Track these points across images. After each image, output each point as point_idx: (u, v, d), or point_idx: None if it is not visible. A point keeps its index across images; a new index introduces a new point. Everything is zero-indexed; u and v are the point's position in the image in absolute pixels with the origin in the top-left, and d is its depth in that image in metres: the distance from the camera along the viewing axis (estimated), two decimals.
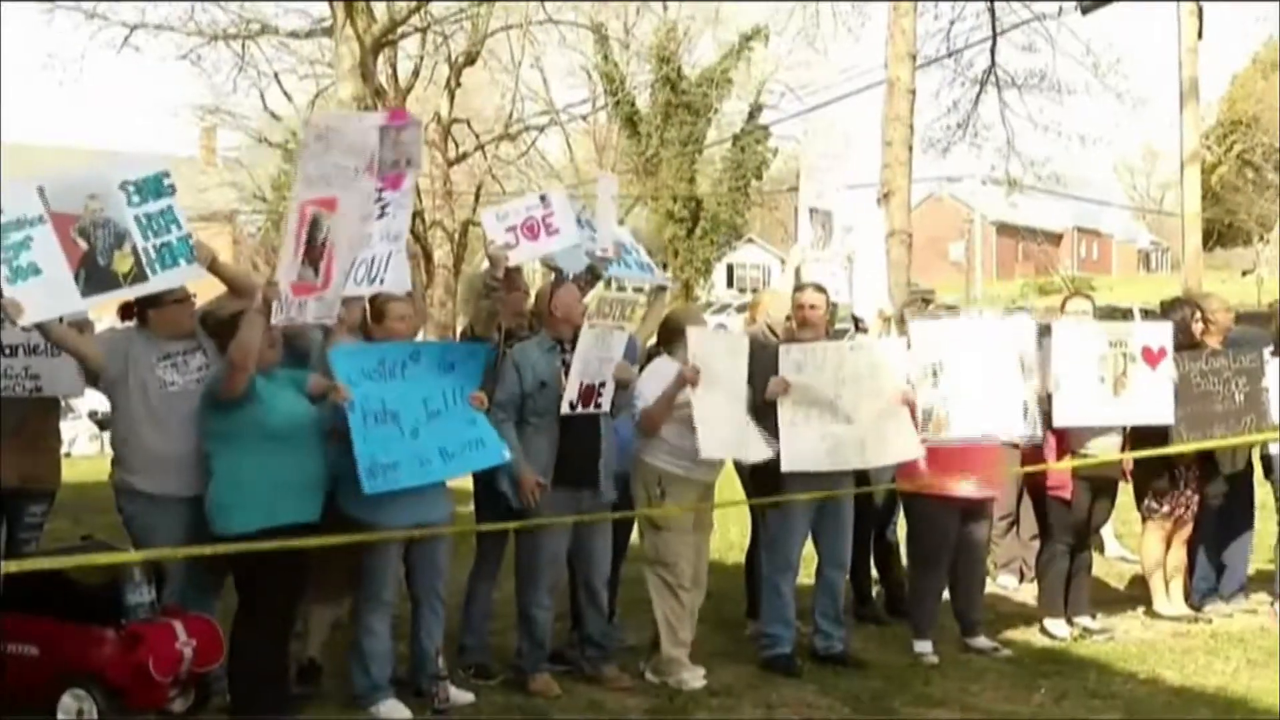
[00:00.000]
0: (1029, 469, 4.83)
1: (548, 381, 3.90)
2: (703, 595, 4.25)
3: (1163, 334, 4.65)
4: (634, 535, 4.41)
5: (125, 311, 3.69)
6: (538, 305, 4.19)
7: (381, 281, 4.08)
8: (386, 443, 3.51)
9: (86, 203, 3.34)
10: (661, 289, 5.03)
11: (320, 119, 4.59)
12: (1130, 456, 4.80)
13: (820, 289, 4.50)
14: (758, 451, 4.12)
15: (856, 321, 5.15)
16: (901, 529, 5.03)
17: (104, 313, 3.84)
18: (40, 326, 3.42)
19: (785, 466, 4.12)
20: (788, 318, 4.54)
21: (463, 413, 3.72)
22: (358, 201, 3.53)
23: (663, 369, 4.13)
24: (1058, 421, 4.44)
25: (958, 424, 4.22)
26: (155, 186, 3.50)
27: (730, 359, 4.09)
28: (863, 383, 4.25)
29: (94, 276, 3.32)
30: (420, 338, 4.58)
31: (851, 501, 4.52)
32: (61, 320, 3.48)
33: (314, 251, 3.54)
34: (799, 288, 4.59)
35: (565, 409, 3.85)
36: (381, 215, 3.85)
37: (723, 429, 3.97)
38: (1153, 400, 4.52)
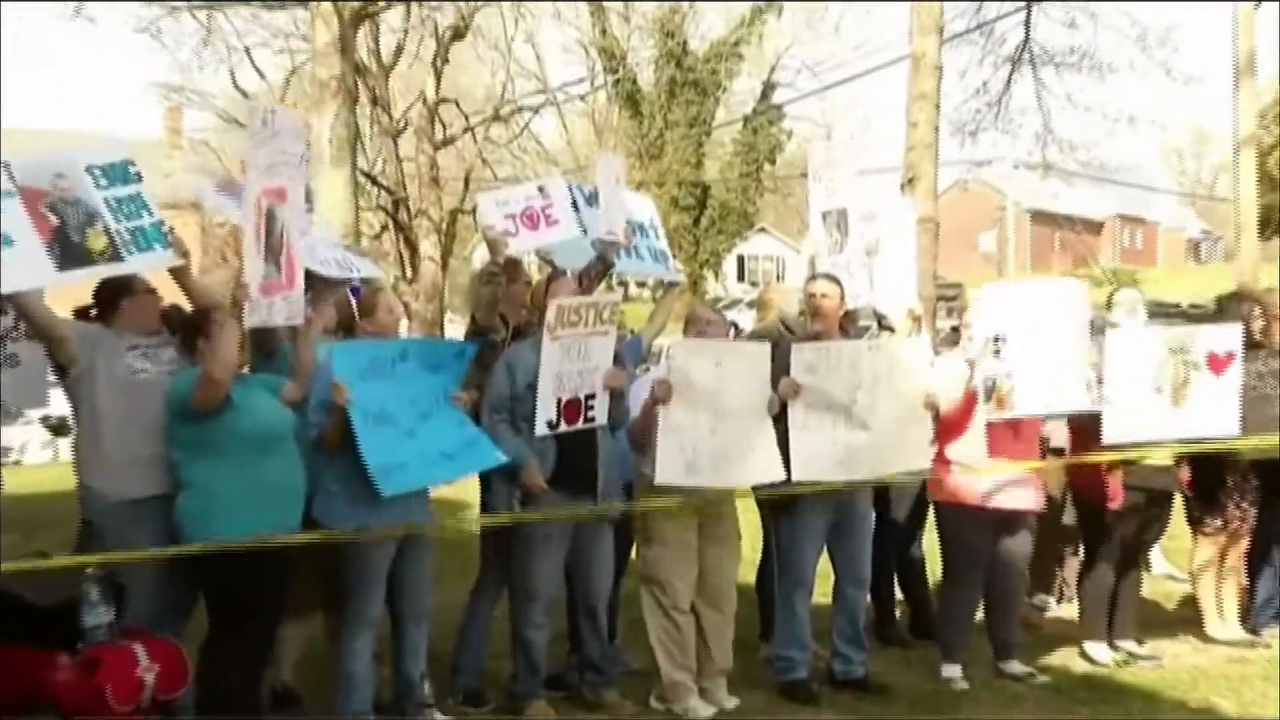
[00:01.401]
0: (1068, 461, 4.75)
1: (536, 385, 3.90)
2: (726, 617, 4.21)
3: (1231, 338, 4.51)
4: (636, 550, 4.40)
5: (82, 313, 3.69)
6: (534, 300, 4.19)
7: (358, 270, 4.14)
8: (391, 443, 3.55)
9: (54, 180, 3.36)
10: (672, 283, 5.01)
11: (262, 104, 4.79)
12: (1166, 452, 4.64)
13: (833, 279, 4.50)
14: (743, 476, 4.06)
15: (880, 319, 5.13)
16: (928, 542, 5.02)
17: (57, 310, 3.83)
18: (17, 302, 3.44)
19: (795, 476, 4.11)
20: (801, 313, 4.53)
21: (449, 415, 3.74)
22: (303, 191, 3.64)
23: (658, 376, 4.13)
24: (1109, 437, 4.38)
25: (1023, 399, 4.17)
26: (121, 174, 3.54)
27: (717, 371, 4.03)
28: (880, 386, 4.23)
29: (68, 251, 3.33)
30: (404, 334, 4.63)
31: (869, 513, 4.51)
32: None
33: (274, 246, 3.60)
34: (810, 278, 4.58)
35: (542, 429, 3.83)
36: (304, 234, 4.05)
37: (688, 452, 3.94)
38: (1217, 412, 4.41)
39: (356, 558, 3.62)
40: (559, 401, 3.87)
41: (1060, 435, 4.90)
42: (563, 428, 3.89)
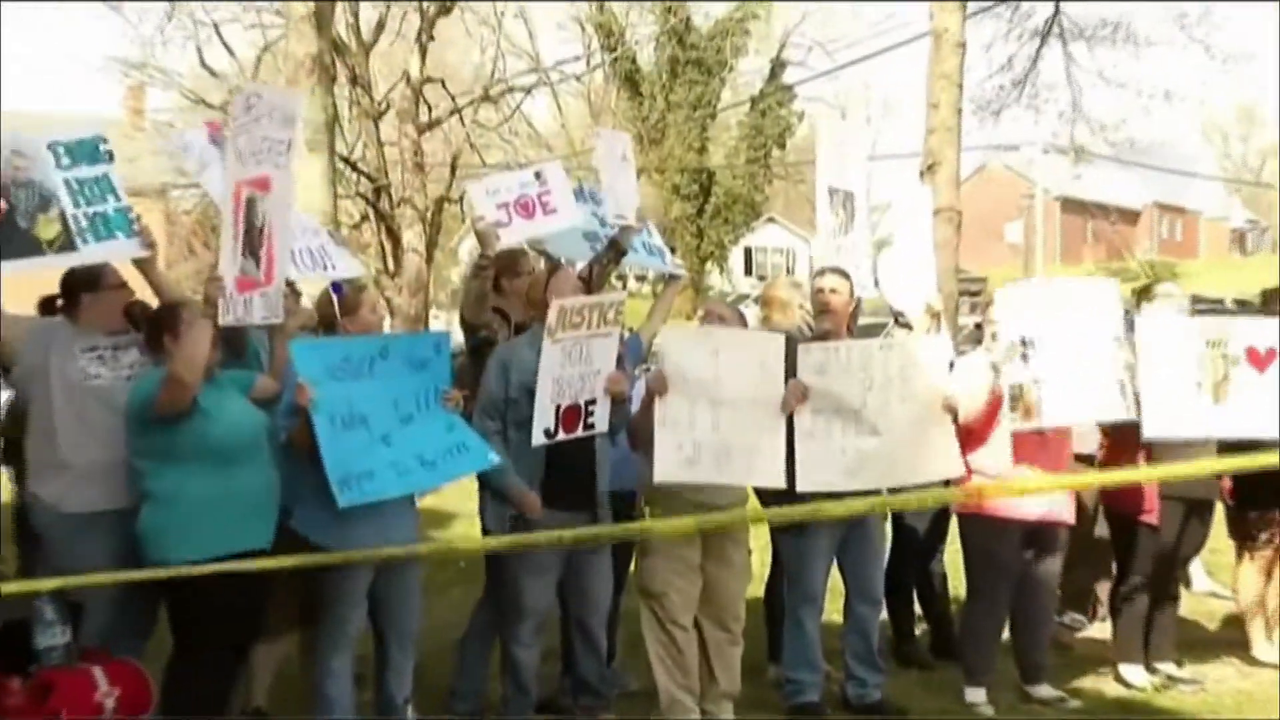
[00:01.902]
0: (1101, 479, 4.75)
1: (534, 389, 3.88)
2: (733, 636, 4.21)
3: (1272, 332, 4.52)
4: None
5: (47, 305, 3.68)
6: (530, 294, 4.18)
7: (333, 268, 4.13)
8: (357, 450, 3.52)
9: (10, 158, 3.34)
10: (673, 278, 5.01)
11: (250, 86, 4.78)
12: (1207, 467, 4.64)
13: (841, 273, 4.50)
14: (750, 474, 4.06)
15: (896, 317, 5.12)
16: (950, 555, 5.01)
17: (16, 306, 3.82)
18: None
19: (801, 486, 4.11)
20: (806, 310, 4.53)
21: (438, 416, 3.72)
22: (288, 182, 3.61)
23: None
24: (1148, 433, 4.37)
25: (1052, 408, 4.15)
26: (89, 151, 3.52)
27: (715, 360, 4.02)
28: (894, 388, 4.23)
29: (12, 240, 3.30)
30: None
31: (880, 525, 4.50)
32: None
33: (253, 239, 3.60)
34: (817, 273, 4.58)
35: (539, 438, 3.81)
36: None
37: (687, 447, 3.94)
38: (1257, 411, 4.35)
39: (335, 571, 3.62)
40: (558, 409, 3.86)
41: (1091, 441, 4.90)
42: (561, 436, 3.88)
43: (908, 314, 5.01)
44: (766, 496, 4.52)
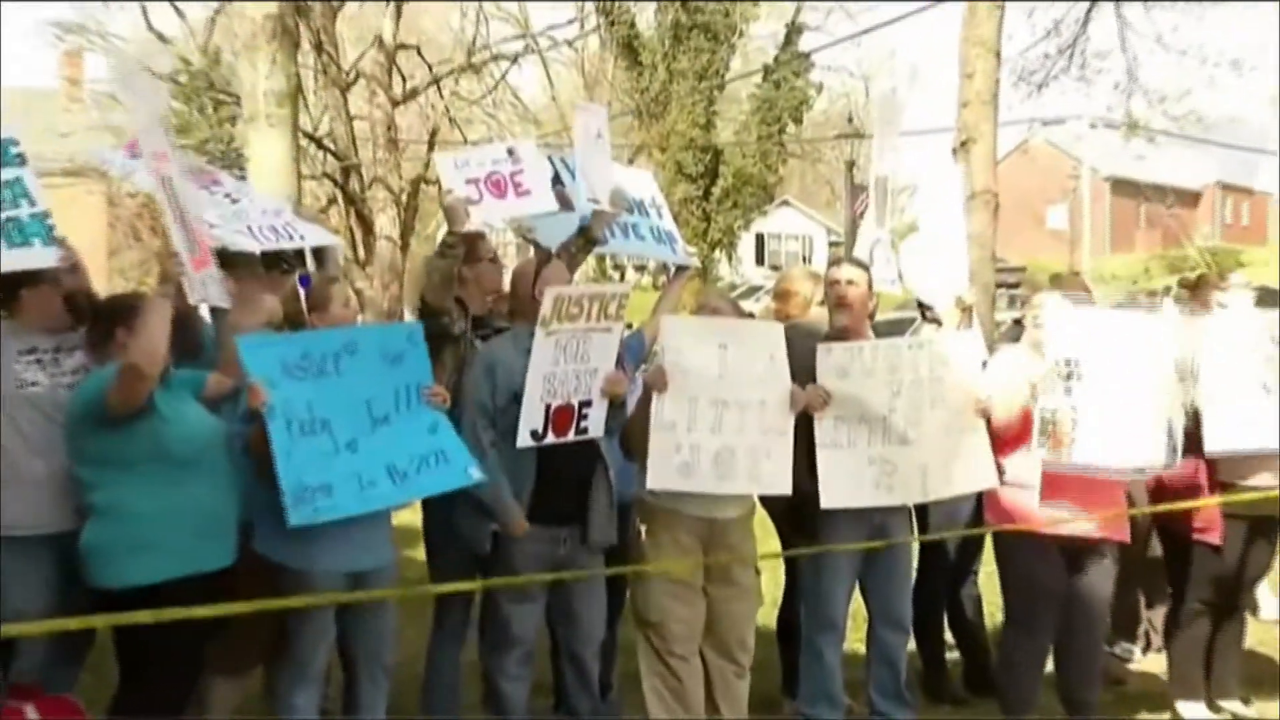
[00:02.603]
0: (1163, 507, 4.73)
1: (522, 394, 3.87)
2: (740, 668, 4.22)
3: None
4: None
5: None
6: (516, 289, 4.17)
7: (302, 237, 4.16)
8: (316, 459, 3.50)
9: None
10: (682, 269, 5.01)
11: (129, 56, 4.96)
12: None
13: (858, 263, 4.51)
14: (753, 483, 4.07)
15: (924, 311, 5.13)
16: (986, 576, 5.01)
17: None
18: None
19: (825, 502, 4.12)
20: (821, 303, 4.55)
21: (419, 417, 3.71)
22: (172, 154, 3.77)
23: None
24: (1210, 446, 4.36)
25: (1085, 444, 4.12)
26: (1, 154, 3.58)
27: (722, 355, 4.03)
28: (924, 391, 4.24)
29: None
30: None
31: (908, 544, 4.51)
32: None
33: (185, 218, 3.66)
34: (832, 262, 4.60)
35: (525, 439, 3.82)
36: (235, 201, 4.31)
37: (684, 452, 3.95)
38: None
39: (305, 592, 3.59)
40: (548, 408, 3.86)
41: None
42: (550, 439, 3.88)
43: (936, 308, 5.02)
44: (778, 510, 4.53)
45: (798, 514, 4.36)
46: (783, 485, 4.08)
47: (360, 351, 3.65)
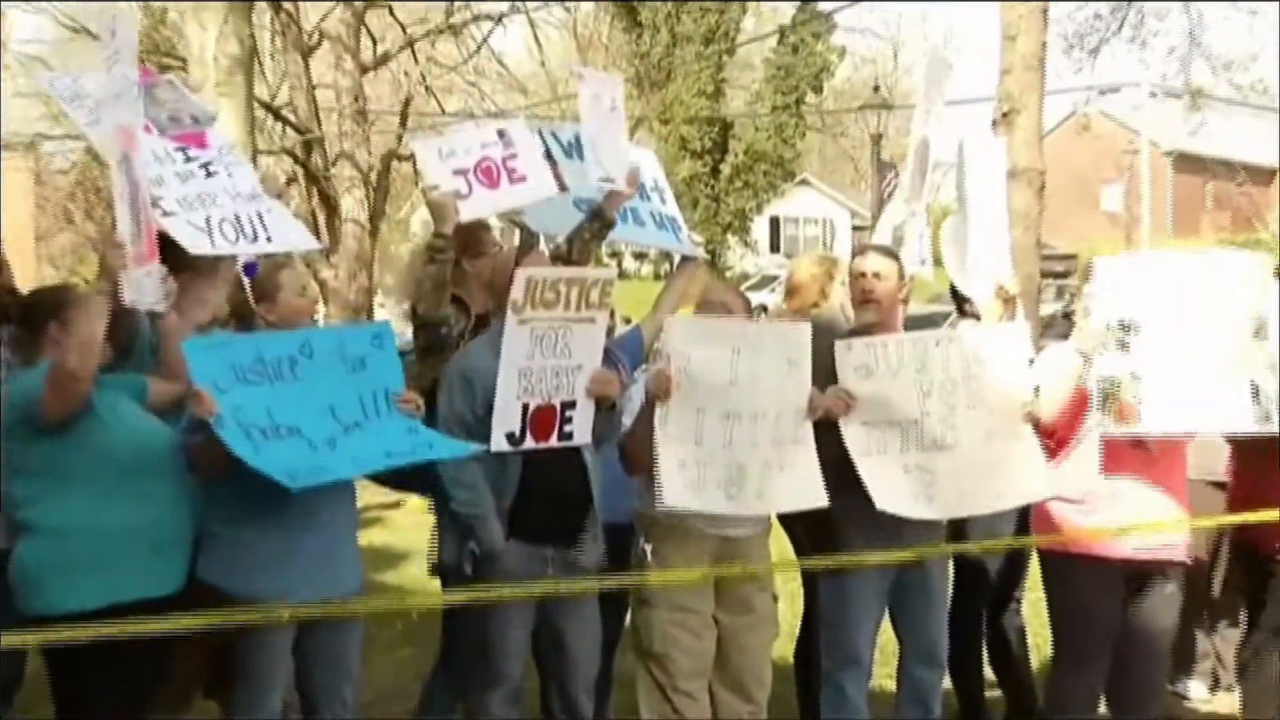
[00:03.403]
0: (1236, 518, 4.72)
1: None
2: (756, 706, 4.23)
3: None
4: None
5: None
6: (496, 283, 4.17)
7: (268, 239, 4.14)
8: (294, 455, 3.50)
9: None
10: (686, 259, 5.02)
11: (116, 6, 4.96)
12: None
13: (887, 252, 4.51)
14: (771, 501, 4.09)
15: (961, 304, 5.15)
16: (1031, 603, 5.00)
17: None
18: None
19: (881, 505, 4.10)
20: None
21: (394, 420, 3.72)
22: (139, 131, 3.75)
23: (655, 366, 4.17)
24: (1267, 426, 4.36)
25: (1155, 411, 4.08)
26: None
27: (735, 361, 4.04)
28: (958, 392, 4.25)
29: None
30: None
31: (944, 565, 4.51)
32: None
33: (136, 204, 3.64)
34: (859, 251, 4.61)
35: (499, 443, 3.84)
36: (210, 174, 4.17)
37: (695, 468, 3.96)
38: None
39: (249, 629, 3.59)
40: (525, 408, 3.88)
41: (1211, 457, 4.90)
42: (529, 444, 3.90)
43: (975, 300, 5.03)
44: (796, 527, 4.54)
45: (817, 532, 4.37)
46: (815, 497, 4.09)
47: (318, 355, 3.66)
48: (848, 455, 4.18)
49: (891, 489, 4.16)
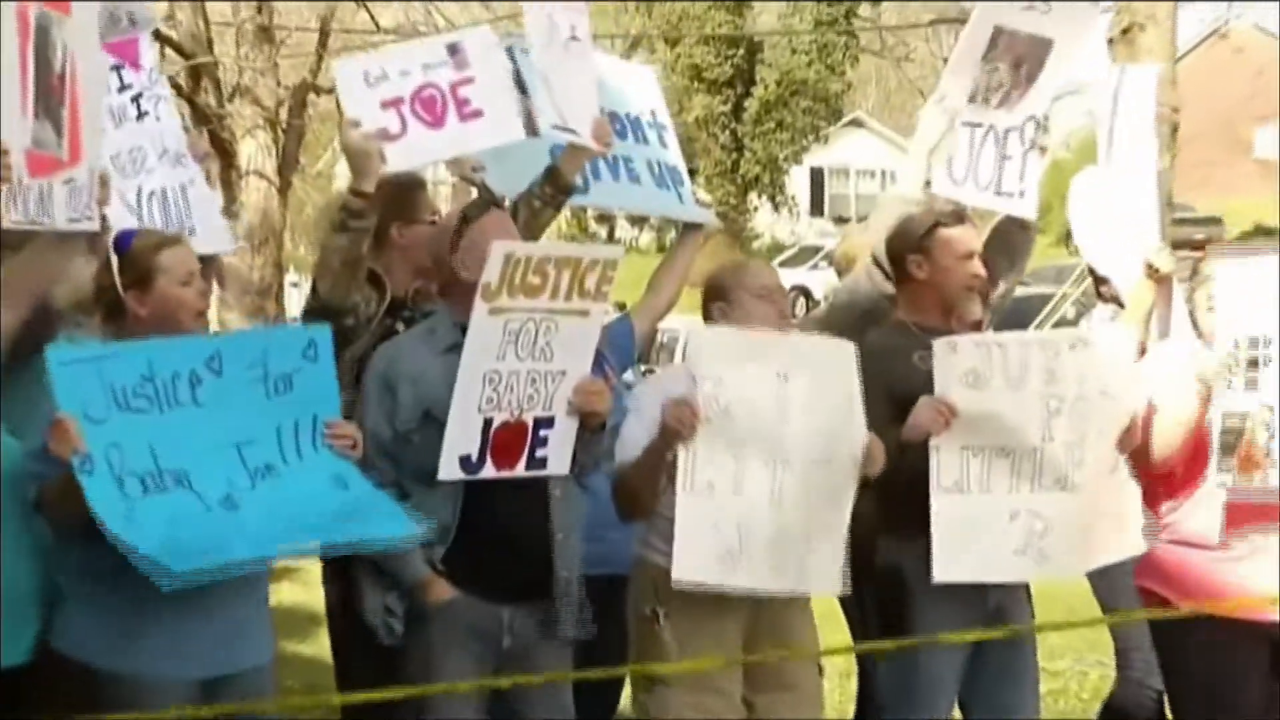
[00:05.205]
0: None
1: (437, 412, 3.90)
2: None
3: None
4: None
5: None
6: (436, 256, 4.18)
7: (191, 231, 4.16)
8: (181, 518, 3.49)
9: None
10: (692, 226, 5.05)
11: None
12: None
13: (964, 217, 4.51)
14: (830, 576, 4.15)
15: (1099, 285, 5.19)
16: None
17: None
18: None
19: (938, 574, 4.15)
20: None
21: (320, 465, 3.71)
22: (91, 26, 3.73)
23: (671, 386, 4.15)
24: None
25: None
26: None
27: (782, 388, 4.06)
28: (1092, 413, 4.26)
29: None
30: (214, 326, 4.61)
31: (1033, 637, 4.56)
32: None
33: (49, 88, 3.55)
34: (945, 217, 4.57)
35: (451, 470, 3.86)
36: (140, 114, 4.17)
37: (727, 531, 3.98)
38: None
39: (130, 708, 3.54)
40: (487, 425, 3.88)
41: None
42: (489, 471, 3.91)
43: (1113, 281, 5.06)
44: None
45: (878, 586, 4.40)
46: (833, 582, 4.16)
47: (228, 372, 3.63)
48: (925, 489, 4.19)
49: (979, 543, 4.19)
